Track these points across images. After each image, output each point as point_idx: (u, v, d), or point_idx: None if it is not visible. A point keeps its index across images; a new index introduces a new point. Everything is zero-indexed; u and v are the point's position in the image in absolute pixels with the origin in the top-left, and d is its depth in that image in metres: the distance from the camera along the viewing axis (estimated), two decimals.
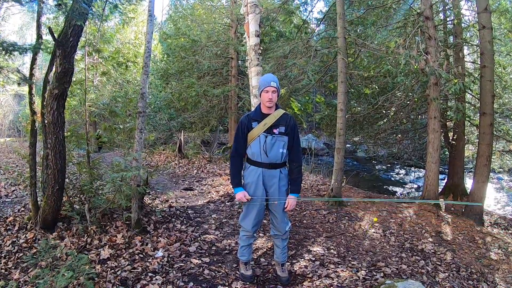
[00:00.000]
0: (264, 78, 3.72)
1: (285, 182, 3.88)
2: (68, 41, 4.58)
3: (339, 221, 6.40)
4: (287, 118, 3.77)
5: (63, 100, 4.76)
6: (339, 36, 7.25)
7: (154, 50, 21.43)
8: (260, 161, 3.73)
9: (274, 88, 3.59)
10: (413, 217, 6.98)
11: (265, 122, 3.68)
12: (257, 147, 3.70)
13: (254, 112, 3.85)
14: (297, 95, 9.83)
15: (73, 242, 4.78)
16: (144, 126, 5.12)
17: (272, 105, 3.68)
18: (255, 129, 3.71)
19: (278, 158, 3.73)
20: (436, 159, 8.02)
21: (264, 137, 3.67)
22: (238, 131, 3.81)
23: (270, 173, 3.77)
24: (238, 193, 3.73)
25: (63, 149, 4.89)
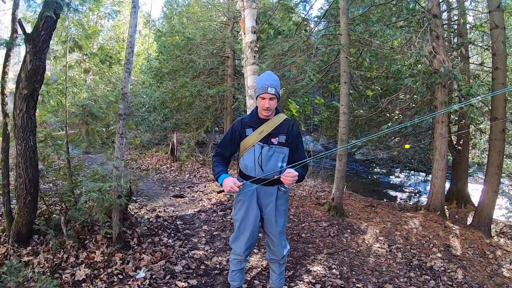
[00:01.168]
0: (262, 80, 3.09)
1: (284, 201, 3.33)
2: (39, 36, 4.16)
3: (341, 235, 5.91)
4: (288, 125, 3.17)
5: (33, 101, 4.31)
6: (342, 33, 6.73)
7: (148, 48, 21.07)
8: (254, 176, 3.13)
9: (272, 95, 3.00)
10: (420, 229, 6.53)
11: (261, 129, 3.11)
12: (251, 159, 3.14)
13: (250, 116, 3.25)
14: (295, 96, 9.35)
15: (47, 259, 4.31)
16: (125, 130, 4.60)
17: (270, 113, 3.12)
18: (250, 138, 3.14)
19: (276, 174, 3.11)
20: (443, 165, 7.57)
21: (259, 148, 3.10)
22: (226, 135, 3.29)
23: (266, 191, 3.21)
24: (225, 180, 2.95)
25: (34, 156, 4.45)
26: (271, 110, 3.08)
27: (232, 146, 3.26)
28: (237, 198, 3.31)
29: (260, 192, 3.22)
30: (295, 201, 7.70)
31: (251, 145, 3.12)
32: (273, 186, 3.20)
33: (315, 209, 7.14)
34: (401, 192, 13.86)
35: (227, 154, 3.30)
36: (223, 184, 2.95)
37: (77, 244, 4.55)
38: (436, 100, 7.46)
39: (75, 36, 5.57)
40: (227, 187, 2.90)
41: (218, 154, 3.29)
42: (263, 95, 3.02)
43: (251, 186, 3.14)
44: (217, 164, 3.20)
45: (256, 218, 3.25)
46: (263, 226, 3.39)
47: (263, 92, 3.00)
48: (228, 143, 3.25)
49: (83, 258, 4.37)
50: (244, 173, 3.23)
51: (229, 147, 3.26)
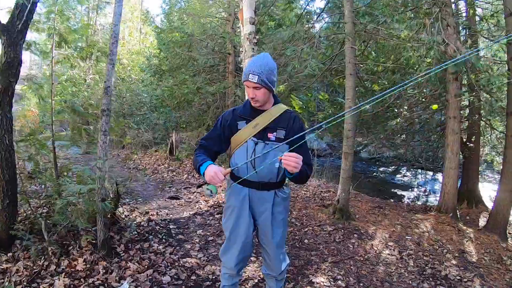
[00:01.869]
0: (246, 65, 2.69)
1: (283, 208, 2.81)
2: (14, 26, 3.82)
3: (347, 240, 5.47)
4: (289, 118, 2.67)
5: (8, 97, 3.96)
6: (346, 21, 6.26)
7: (150, 46, 20.71)
8: (246, 179, 2.64)
9: (254, 84, 2.48)
10: (432, 233, 6.11)
11: (256, 122, 2.61)
12: (243, 157, 2.63)
13: (243, 107, 2.76)
14: (298, 92, 8.94)
15: (27, 266, 3.93)
16: (108, 127, 4.18)
17: (260, 104, 2.61)
18: (242, 132, 2.65)
19: (272, 176, 2.66)
20: (456, 164, 7.14)
21: (253, 144, 2.60)
22: (214, 128, 2.78)
23: (260, 196, 2.71)
24: (208, 169, 2.38)
25: (10, 156, 4.11)
26: (259, 101, 2.57)
27: (221, 141, 2.74)
28: (227, 203, 2.85)
29: (253, 198, 2.72)
30: (298, 202, 7.28)
31: (244, 140, 2.63)
32: (268, 191, 2.71)
33: (319, 211, 6.71)
34: (409, 192, 13.49)
35: (213, 149, 2.74)
36: (206, 172, 2.36)
37: (59, 251, 4.17)
38: (448, 94, 7.02)
39: (61, 30, 5.23)
40: (210, 174, 2.32)
41: (203, 147, 2.73)
42: (245, 83, 2.55)
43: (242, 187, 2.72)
44: (200, 154, 2.63)
45: (249, 228, 2.76)
46: (258, 237, 2.91)
47: (245, 80, 2.53)
48: (215, 137, 2.74)
49: (65, 265, 4.00)
50: (234, 173, 2.70)
51: (216, 142, 2.74)
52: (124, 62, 19.58)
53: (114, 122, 6.93)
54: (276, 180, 2.69)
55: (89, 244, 4.35)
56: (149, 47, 20.77)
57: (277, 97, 2.78)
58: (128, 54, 20.60)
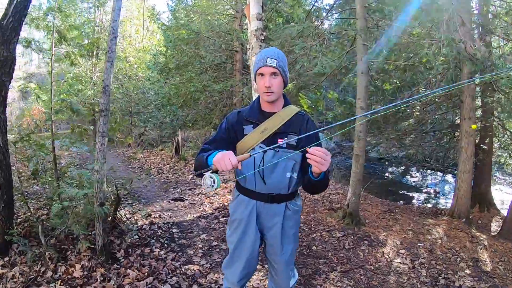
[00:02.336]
0: (259, 54, 2.33)
1: (294, 222, 2.53)
2: (8, 23, 3.67)
3: (357, 247, 5.23)
4: (302, 121, 2.38)
5: (1, 96, 3.79)
6: (358, 17, 6.00)
7: (156, 44, 20.58)
8: (253, 190, 2.40)
9: (273, 68, 2.20)
10: (444, 240, 5.88)
11: (265, 126, 2.32)
12: (250, 166, 2.33)
13: (249, 109, 2.47)
14: (307, 91, 8.70)
15: (23, 272, 3.77)
16: (107, 128, 3.98)
17: (274, 98, 2.29)
18: (249, 137, 2.34)
19: (283, 187, 2.37)
20: (470, 167, 6.90)
21: (261, 152, 2.27)
22: (219, 132, 2.47)
23: (269, 209, 2.44)
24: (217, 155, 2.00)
25: (5, 158, 3.96)
26: (275, 92, 2.26)
27: (226, 146, 2.34)
28: (232, 216, 2.58)
29: (261, 211, 2.45)
30: (306, 205, 7.04)
31: (251, 147, 2.32)
32: (279, 204, 2.43)
33: (327, 215, 6.47)
34: (418, 193, 13.24)
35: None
36: (216, 161, 1.96)
37: (57, 256, 4.01)
38: (463, 94, 6.75)
39: (60, 27, 5.07)
40: (219, 156, 1.96)
41: (206, 150, 2.32)
42: (261, 70, 2.24)
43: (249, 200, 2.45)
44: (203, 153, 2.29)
45: (255, 243, 2.50)
46: (265, 252, 2.65)
47: (262, 66, 2.23)
48: (220, 140, 2.40)
49: (62, 272, 3.83)
50: (240, 184, 2.48)
51: (221, 146, 2.33)
52: (131, 60, 19.47)
53: (115, 121, 6.75)
54: (287, 192, 2.40)
55: (88, 249, 4.18)
56: (155, 45, 20.66)
57: (287, 98, 2.49)
58: (135, 52, 20.49)
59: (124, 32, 22.67)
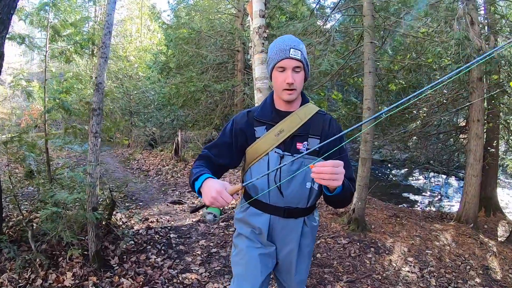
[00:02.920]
0: (277, 43, 1.92)
1: (311, 240, 2.15)
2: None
3: (363, 255, 5.00)
4: (323, 121, 2.01)
5: None
6: (365, 14, 5.78)
7: (157, 43, 20.42)
8: (267, 203, 2.00)
9: (297, 61, 1.86)
10: (453, 246, 5.67)
11: (280, 127, 1.95)
12: (264, 176, 1.92)
13: (261, 108, 2.08)
14: (309, 92, 8.49)
15: (12, 279, 3.59)
16: (100, 128, 3.76)
17: (296, 96, 1.94)
18: (262, 141, 1.97)
19: (302, 199, 1.99)
20: (478, 171, 6.69)
21: (277, 158, 1.93)
22: (223, 135, 2.07)
23: (285, 225, 2.04)
24: (207, 185, 1.67)
25: None
26: (297, 90, 1.92)
27: (231, 152, 2.04)
28: (238, 230, 2.17)
29: (276, 227, 2.04)
30: None
31: (264, 153, 1.96)
32: (296, 219, 2.04)
33: (332, 220, 6.25)
34: (422, 196, 13.03)
35: (219, 161, 2.02)
36: (203, 190, 1.66)
37: (47, 263, 3.82)
38: (471, 96, 6.54)
39: (55, 23, 4.88)
40: (210, 194, 1.60)
41: (204, 158, 2.01)
42: (283, 63, 1.86)
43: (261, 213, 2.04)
44: (198, 166, 1.92)
45: (266, 267, 2.06)
46: (275, 270, 2.21)
47: (283, 58, 1.85)
48: (223, 146, 2.04)
49: (52, 280, 3.63)
50: (251, 195, 2.03)
51: (224, 152, 2.03)
52: (131, 59, 19.28)
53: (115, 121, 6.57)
54: (306, 205, 2.02)
55: (81, 255, 3.98)
56: (156, 44, 20.49)
57: (305, 95, 2.10)
58: (135, 51, 20.30)
59: (124, 31, 22.50)
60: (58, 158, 8.36)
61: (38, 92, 6.26)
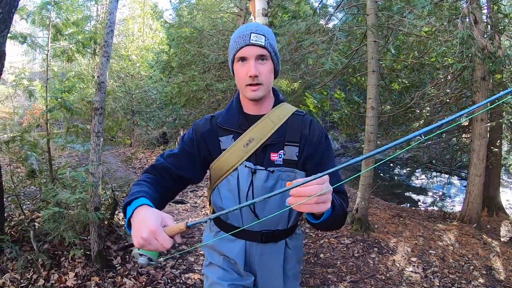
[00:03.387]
0: (238, 30, 1.57)
1: (295, 262, 1.79)
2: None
3: (367, 255, 4.99)
4: (302, 124, 1.64)
5: None
6: (368, 13, 5.75)
7: (159, 42, 20.43)
8: (240, 227, 1.52)
9: (261, 48, 1.50)
10: (456, 246, 5.65)
11: (250, 135, 1.60)
12: (233, 195, 1.62)
13: (226, 112, 1.71)
14: (312, 91, 8.46)
15: (14, 279, 3.59)
16: (102, 128, 3.75)
17: (262, 93, 1.56)
18: (228, 154, 1.61)
19: (282, 220, 1.66)
20: (482, 171, 6.66)
21: (248, 174, 1.59)
22: (182, 146, 1.67)
23: (263, 251, 1.68)
24: (139, 216, 1.18)
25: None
26: (264, 86, 1.55)
27: (195, 166, 1.65)
28: (208, 259, 1.78)
29: (253, 255, 1.68)
30: None
31: (232, 168, 1.61)
32: (276, 243, 1.69)
33: None
34: (424, 196, 13.03)
35: (177, 172, 1.59)
36: (133, 224, 1.19)
37: (50, 263, 3.82)
38: (476, 95, 6.50)
39: (57, 22, 4.87)
40: (140, 234, 1.12)
41: (158, 169, 1.58)
42: (242, 52, 1.51)
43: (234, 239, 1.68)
44: (142, 182, 1.49)
45: None
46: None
47: (243, 45, 1.50)
48: (184, 158, 1.64)
49: (54, 280, 3.62)
50: (221, 219, 1.70)
51: (186, 165, 1.63)
52: (133, 58, 19.30)
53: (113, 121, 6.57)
54: (287, 226, 1.69)
55: (83, 255, 3.97)
56: (158, 43, 20.50)
57: (278, 93, 1.75)
58: (137, 50, 20.33)
59: (126, 30, 22.51)
60: (60, 157, 8.37)
61: (40, 91, 6.27)
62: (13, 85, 5.56)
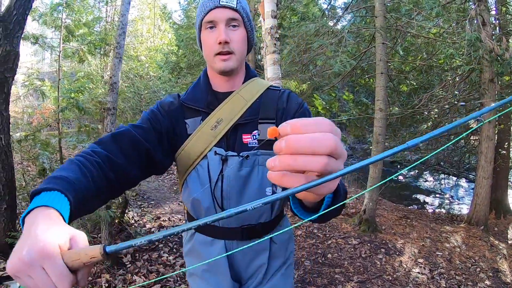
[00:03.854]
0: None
1: (285, 257, 1.52)
2: (11, 16, 3.51)
3: (374, 255, 5.01)
4: (278, 98, 1.39)
5: (4, 93, 3.64)
6: (377, 15, 5.77)
7: (168, 43, 20.51)
8: (216, 225, 1.37)
9: (231, 11, 1.28)
10: (463, 248, 5.64)
11: (218, 116, 1.33)
12: (204, 189, 1.33)
13: (192, 90, 1.43)
14: (320, 92, 8.49)
15: None
16: (115, 127, 3.81)
17: (234, 64, 1.31)
18: (194, 139, 1.33)
19: (264, 211, 1.38)
20: (489, 173, 6.62)
21: (218, 161, 1.31)
22: (146, 118, 1.31)
23: (247, 250, 1.39)
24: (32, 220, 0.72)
25: (7, 158, 3.81)
26: (236, 56, 1.31)
27: (161, 148, 1.28)
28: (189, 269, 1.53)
29: (235, 255, 1.41)
30: None
31: (200, 156, 1.32)
32: (259, 238, 1.17)
33: (343, 221, 6.25)
34: (432, 198, 12.93)
35: (145, 150, 1.21)
36: (23, 235, 0.68)
37: None
38: (483, 97, 6.49)
39: (68, 23, 4.94)
40: (21, 254, 0.63)
41: (116, 140, 1.16)
42: (211, 15, 1.28)
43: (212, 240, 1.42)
44: (73, 161, 1.00)
45: None
46: None
47: (212, 8, 1.27)
48: (153, 136, 1.26)
49: None
50: (193, 217, 1.43)
51: (156, 144, 1.26)
52: (142, 59, 19.39)
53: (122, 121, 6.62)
54: (270, 217, 1.40)
55: None
56: (167, 44, 20.57)
57: (250, 68, 1.49)
58: (146, 51, 20.43)
59: (135, 31, 22.60)
60: (70, 156, 8.44)
61: (50, 91, 6.33)
62: (25, 85, 5.63)
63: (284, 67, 7.25)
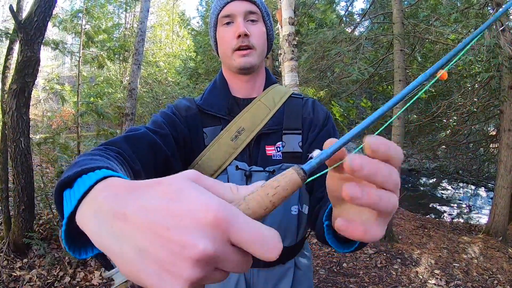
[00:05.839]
0: None
1: (307, 284, 1.32)
2: (32, 23, 3.61)
3: (390, 266, 4.95)
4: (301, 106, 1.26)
5: (24, 97, 3.72)
6: (395, 21, 5.74)
7: (186, 49, 20.69)
8: None
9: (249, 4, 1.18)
10: (481, 260, 5.53)
11: (238, 124, 1.18)
12: None
13: (209, 94, 1.27)
14: (337, 99, 8.46)
15: (40, 275, 3.74)
16: None
17: (255, 60, 1.18)
18: (212, 151, 1.16)
19: (289, 233, 1.19)
20: (509, 182, 6.50)
21: (241, 178, 1.13)
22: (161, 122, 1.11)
23: (268, 277, 1.21)
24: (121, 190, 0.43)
25: (26, 160, 3.93)
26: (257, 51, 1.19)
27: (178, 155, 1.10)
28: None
29: (256, 283, 1.21)
30: None
31: (218, 170, 1.16)
32: (284, 264, 1.24)
33: None
34: (450, 207, 12.74)
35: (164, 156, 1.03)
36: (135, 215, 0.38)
37: (76, 261, 4.00)
38: (503, 105, 6.39)
39: (88, 29, 5.03)
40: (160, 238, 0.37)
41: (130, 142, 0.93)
42: (228, 8, 1.18)
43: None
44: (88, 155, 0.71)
45: None
46: None
47: (228, 1, 1.18)
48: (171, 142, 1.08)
49: (80, 278, 3.80)
50: None
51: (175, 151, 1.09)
52: (161, 64, 19.58)
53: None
54: (295, 240, 1.22)
55: None
56: (185, 50, 20.77)
57: (270, 73, 1.36)
58: (165, 57, 20.62)
59: (154, 37, 22.86)
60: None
61: (70, 95, 6.44)
62: (45, 89, 5.74)
63: (301, 74, 7.26)
